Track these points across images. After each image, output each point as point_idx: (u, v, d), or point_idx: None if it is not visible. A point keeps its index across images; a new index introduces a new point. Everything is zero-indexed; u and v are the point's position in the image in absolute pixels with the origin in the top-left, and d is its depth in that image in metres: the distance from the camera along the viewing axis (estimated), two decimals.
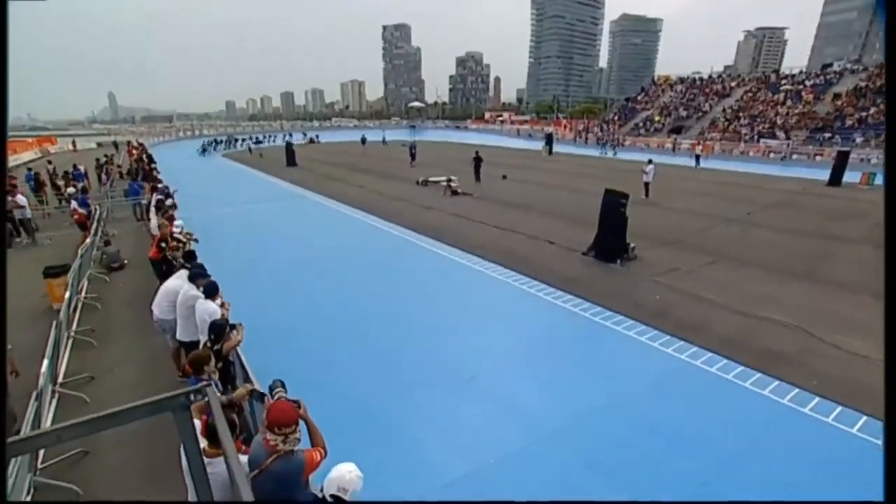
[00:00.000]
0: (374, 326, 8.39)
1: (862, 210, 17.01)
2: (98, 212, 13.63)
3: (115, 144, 42.99)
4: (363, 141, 46.07)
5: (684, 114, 51.78)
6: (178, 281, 5.89)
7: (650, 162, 19.69)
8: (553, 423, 5.76)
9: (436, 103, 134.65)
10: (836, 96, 41.89)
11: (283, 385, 3.37)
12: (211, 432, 2.66)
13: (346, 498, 2.46)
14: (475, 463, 5.07)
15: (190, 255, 6.97)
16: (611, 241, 11.60)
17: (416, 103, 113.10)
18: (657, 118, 53.36)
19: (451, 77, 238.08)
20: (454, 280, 10.85)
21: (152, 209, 11.19)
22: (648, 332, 8.00)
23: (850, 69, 46.95)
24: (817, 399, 6.09)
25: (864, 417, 5.69)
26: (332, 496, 2.47)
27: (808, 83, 46.66)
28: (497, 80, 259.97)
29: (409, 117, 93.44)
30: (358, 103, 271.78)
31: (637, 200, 14.79)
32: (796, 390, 6.28)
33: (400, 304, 9.49)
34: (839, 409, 5.89)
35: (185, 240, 8.72)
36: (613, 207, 11.53)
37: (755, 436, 5.56)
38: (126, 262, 11.25)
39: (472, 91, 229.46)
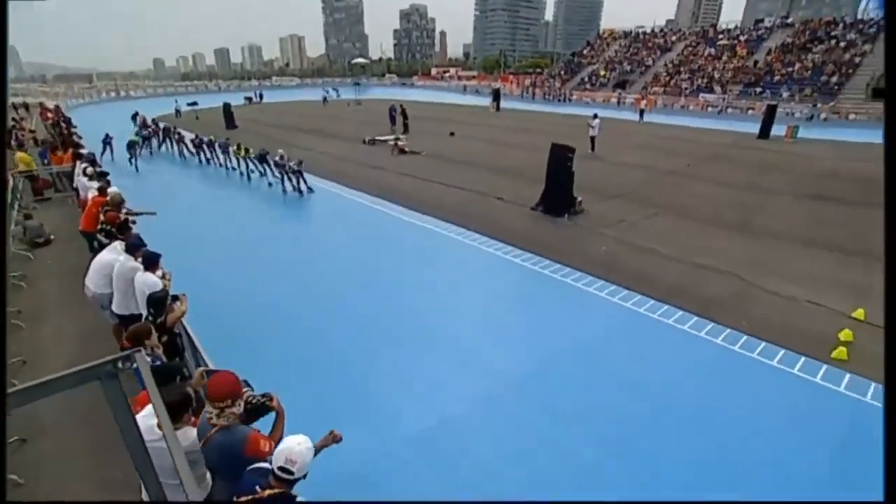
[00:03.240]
0: (332, 287, 8.29)
1: (787, 163, 18.13)
2: (13, 182, 12.41)
3: (26, 106, 38.74)
4: (324, 100, 46.03)
5: (628, 68, 52.52)
6: (113, 254, 5.51)
7: (596, 116, 20.00)
8: (512, 373, 6.00)
9: (380, 59, 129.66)
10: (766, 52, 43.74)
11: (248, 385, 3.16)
12: (170, 407, 2.55)
13: (294, 470, 2.36)
14: (440, 414, 5.23)
15: (124, 227, 6.51)
16: (558, 196, 11.84)
17: (360, 59, 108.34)
18: (602, 73, 53.88)
19: (395, 31, 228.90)
20: (404, 239, 10.81)
21: (79, 178, 10.25)
22: (596, 282, 8.36)
23: (779, 24, 48.81)
24: (745, 338, 6.65)
25: (783, 351, 6.30)
26: (279, 468, 2.35)
27: (742, 38, 48.26)
28: (443, 34, 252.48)
29: (353, 74, 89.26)
30: (299, 60, 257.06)
31: (583, 155, 15.06)
32: (728, 331, 6.82)
33: (352, 264, 9.38)
34: (763, 345, 6.48)
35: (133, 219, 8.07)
36: (560, 162, 11.70)
37: (692, 373, 6.04)
38: (52, 236, 10.41)
39: (417, 46, 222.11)
